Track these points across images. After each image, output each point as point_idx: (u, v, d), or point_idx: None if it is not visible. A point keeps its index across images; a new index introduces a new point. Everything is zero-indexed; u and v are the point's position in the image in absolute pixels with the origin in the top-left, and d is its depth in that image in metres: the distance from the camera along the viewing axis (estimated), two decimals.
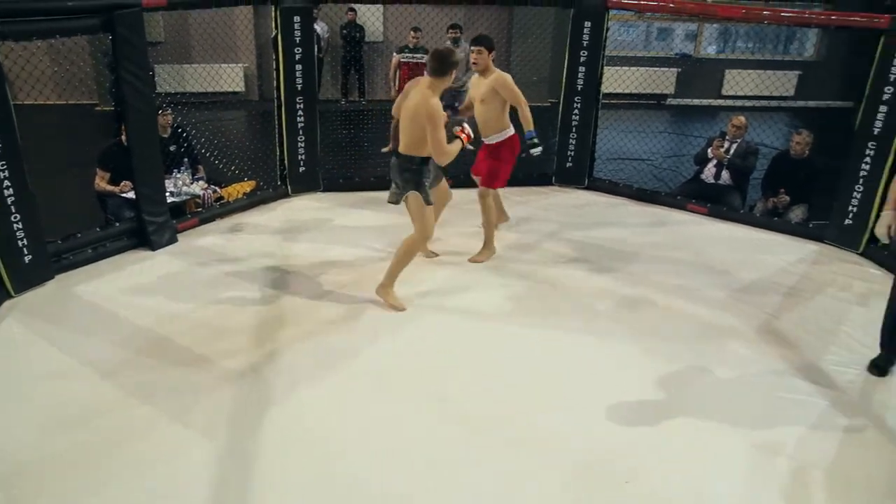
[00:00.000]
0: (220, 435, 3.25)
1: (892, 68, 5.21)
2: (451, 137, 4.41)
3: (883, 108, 5.30)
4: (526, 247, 5.54)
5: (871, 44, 5.42)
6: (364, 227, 5.86)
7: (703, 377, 3.91)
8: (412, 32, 8.34)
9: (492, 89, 5.03)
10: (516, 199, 6.62)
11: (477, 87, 5.18)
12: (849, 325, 4.55)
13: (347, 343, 4.07)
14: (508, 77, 5.05)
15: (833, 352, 4.22)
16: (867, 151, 5.47)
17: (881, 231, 3.56)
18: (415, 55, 8.33)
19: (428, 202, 4.39)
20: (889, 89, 5.25)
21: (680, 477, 3.13)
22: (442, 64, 4.25)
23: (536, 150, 5.00)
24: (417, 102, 4.21)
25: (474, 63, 5.09)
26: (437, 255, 5.29)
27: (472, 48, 5.07)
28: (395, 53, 8.51)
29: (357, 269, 5.04)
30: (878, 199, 5.46)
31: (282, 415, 3.42)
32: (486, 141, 5.26)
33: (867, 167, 5.49)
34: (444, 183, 5.11)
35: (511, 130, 5.19)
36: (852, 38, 11.01)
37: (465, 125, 4.59)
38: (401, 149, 4.39)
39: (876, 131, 5.37)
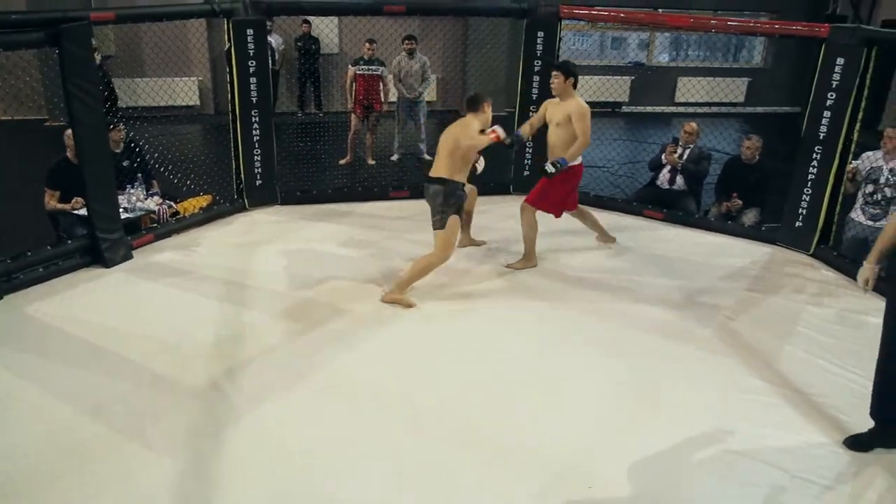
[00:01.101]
0: (180, 454, 3.19)
1: (834, 75, 5.38)
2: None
3: (827, 114, 5.47)
4: (486, 255, 5.57)
5: (815, 52, 5.59)
6: (323, 240, 5.83)
7: (661, 379, 3.96)
8: (367, 44, 8.31)
9: (567, 116, 5.07)
10: (475, 208, 6.63)
11: (554, 109, 5.23)
12: (803, 325, 4.66)
13: (309, 357, 4.03)
14: (587, 110, 5.05)
15: (788, 352, 4.31)
16: (814, 155, 5.62)
17: (860, 283, 3.58)
18: (370, 67, 8.28)
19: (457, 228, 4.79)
20: (832, 95, 5.41)
21: (642, 479, 3.17)
22: (471, 101, 4.76)
23: (549, 171, 5.12)
24: (456, 129, 4.65)
25: (552, 86, 5.18)
26: (485, 242, 5.74)
27: (552, 73, 5.16)
28: (350, 66, 8.46)
29: (317, 281, 5.00)
30: (825, 202, 5.61)
31: (244, 432, 3.37)
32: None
33: (815, 171, 5.64)
34: (470, 185, 5.17)
35: (575, 161, 5.19)
36: (797, 46, 11.37)
37: (497, 127, 4.76)
38: (445, 174, 4.68)
39: (821, 136, 5.53)
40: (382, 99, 8.42)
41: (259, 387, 3.72)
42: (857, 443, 3.39)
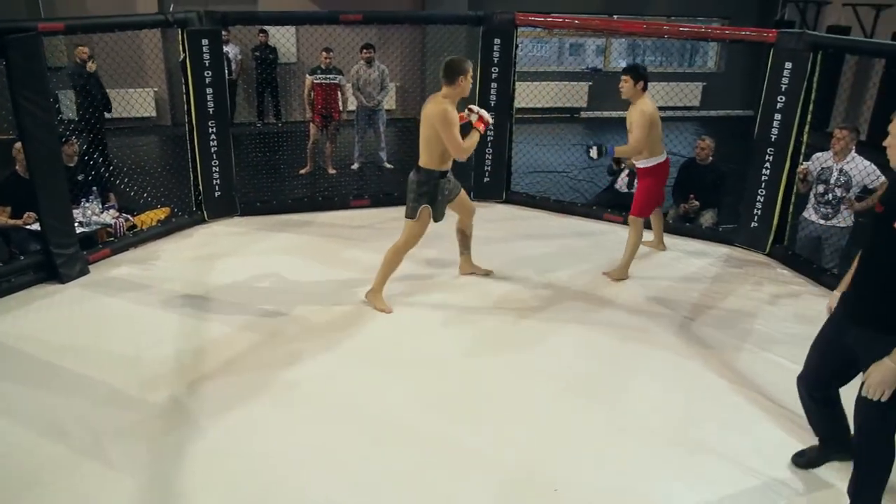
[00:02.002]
0: (141, 473, 3.13)
1: (783, 79, 5.51)
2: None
3: (777, 116, 5.60)
4: (448, 262, 5.57)
5: (765, 56, 5.73)
6: (283, 250, 5.78)
7: (623, 381, 4.01)
8: (324, 53, 8.27)
9: (632, 121, 5.13)
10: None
11: (628, 113, 5.23)
12: (761, 323, 4.75)
13: (272, 369, 3.99)
14: (644, 109, 5.05)
15: (748, 351, 4.39)
16: (766, 157, 5.75)
17: (826, 310, 3.48)
18: (328, 76, 8.24)
19: (436, 219, 4.64)
20: (781, 98, 5.55)
21: (607, 481, 3.20)
22: (448, 70, 4.42)
23: (592, 152, 5.17)
24: (430, 110, 4.40)
25: (621, 89, 5.14)
26: (490, 272, 5.36)
27: (621, 76, 5.13)
28: (307, 75, 8.42)
29: (278, 292, 4.96)
30: (779, 203, 5.74)
31: (207, 447, 3.32)
32: (636, 164, 5.36)
33: (767, 172, 5.77)
34: (463, 194, 4.99)
35: (658, 158, 5.23)
36: (749, 51, 11.63)
37: (474, 107, 4.66)
38: (421, 162, 4.54)
39: (773, 138, 5.66)
40: (341, 108, 8.40)
41: (222, 401, 3.67)
42: (806, 462, 3.29)
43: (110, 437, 3.36)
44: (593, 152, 5.15)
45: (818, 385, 3.04)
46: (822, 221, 5.28)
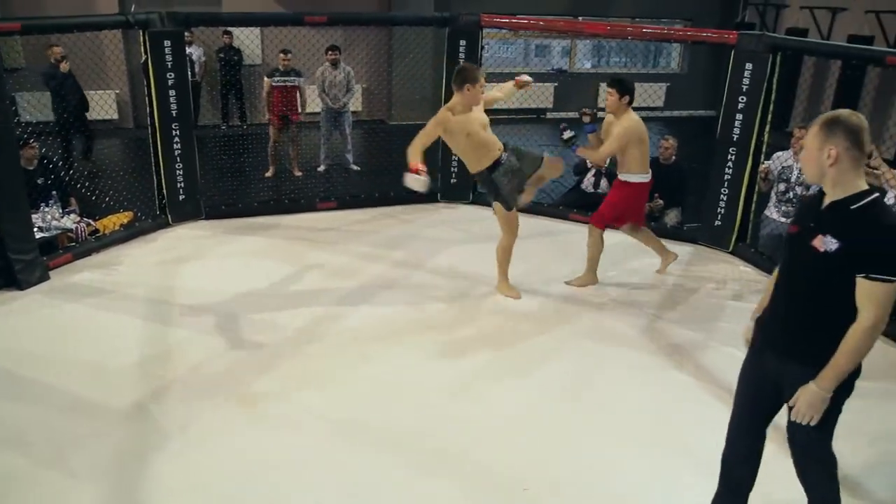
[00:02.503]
0: (104, 481, 3.08)
1: (744, 80, 5.61)
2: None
3: (739, 116, 5.69)
4: (414, 264, 5.57)
5: (727, 58, 5.82)
6: (249, 253, 5.72)
7: (591, 379, 4.04)
8: (281, 55, 8.18)
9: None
10: (403, 218, 6.65)
11: (608, 127, 5.06)
12: (726, 320, 4.83)
13: (238, 374, 3.95)
14: (627, 126, 4.86)
15: (713, 348, 4.46)
16: (729, 157, 5.84)
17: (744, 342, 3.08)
18: (286, 78, 8.16)
19: (509, 208, 4.79)
20: (743, 98, 5.64)
21: (576, 478, 3.22)
22: (454, 78, 4.66)
23: (566, 133, 5.15)
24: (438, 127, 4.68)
25: (606, 103, 5.00)
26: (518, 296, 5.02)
27: (607, 89, 5.01)
28: (265, 78, 8.31)
29: (244, 296, 4.91)
30: (742, 201, 5.83)
31: (173, 454, 3.27)
32: (619, 175, 5.15)
33: (730, 171, 5.86)
34: (545, 158, 5.06)
35: (640, 176, 5.03)
36: (711, 52, 11.81)
37: (413, 175, 4.51)
38: (470, 171, 4.93)
39: (735, 137, 5.76)
40: (300, 110, 8.32)
41: (187, 407, 3.62)
42: None
43: (72, 445, 3.29)
44: (567, 133, 5.09)
45: (755, 441, 2.79)
46: (783, 219, 5.38)
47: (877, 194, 2.34)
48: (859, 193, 2.33)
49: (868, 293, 2.29)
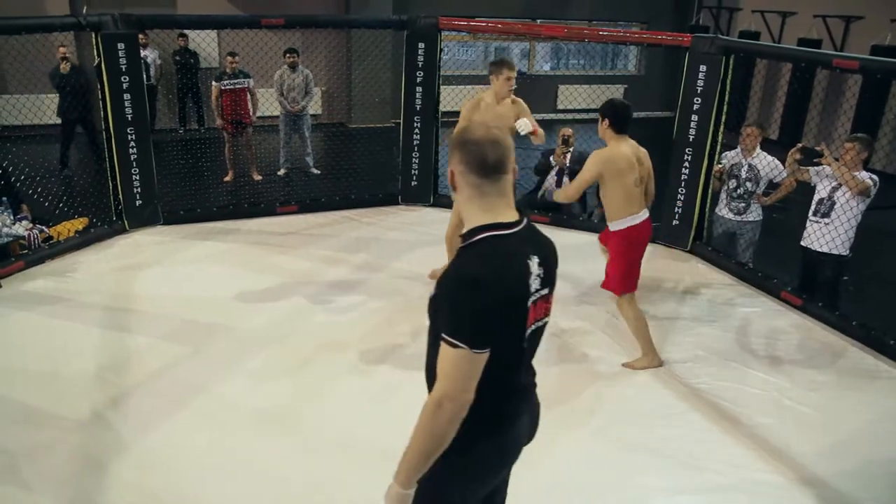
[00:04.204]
0: (61, 492, 3.02)
1: (698, 81, 5.72)
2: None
3: (695, 118, 5.80)
4: (376, 266, 5.56)
5: (682, 60, 5.93)
6: (208, 259, 5.65)
7: (554, 379, 4.07)
8: (229, 58, 8.05)
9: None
10: (365, 221, 6.64)
11: None
12: (684, 317, 4.92)
13: (197, 380, 3.90)
14: (601, 154, 4.08)
15: (674, 342, 4.54)
16: (685, 157, 5.95)
17: None
18: (234, 81, 8.05)
19: None
20: (697, 100, 5.75)
21: (542, 478, 3.24)
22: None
23: (520, 128, 4.84)
24: None
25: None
26: None
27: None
28: (213, 82, 8.18)
29: (203, 302, 4.84)
30: (698, 201, 5.94)
31: (131, 463, 3.22)
32: (609, 226, 4.28)
33: (687, 171, 5.97)
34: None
35: (631, 219, 4.15)
36: (667, 54, 12.00)
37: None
38: None
39: (691, 138, 5.86)
40: (251, 112, 8.22)
41: (146, 415, 3.57)
42: None
43: (26, 457, 3.22)
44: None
45: None
46: (735, 217, 5.50)
47: (486, 234, 1.84)
48: (473, 229, 1.87)
49: (441, 357, 1.82)
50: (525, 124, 4.87)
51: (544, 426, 3.58)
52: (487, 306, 1.76)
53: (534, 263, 1.86)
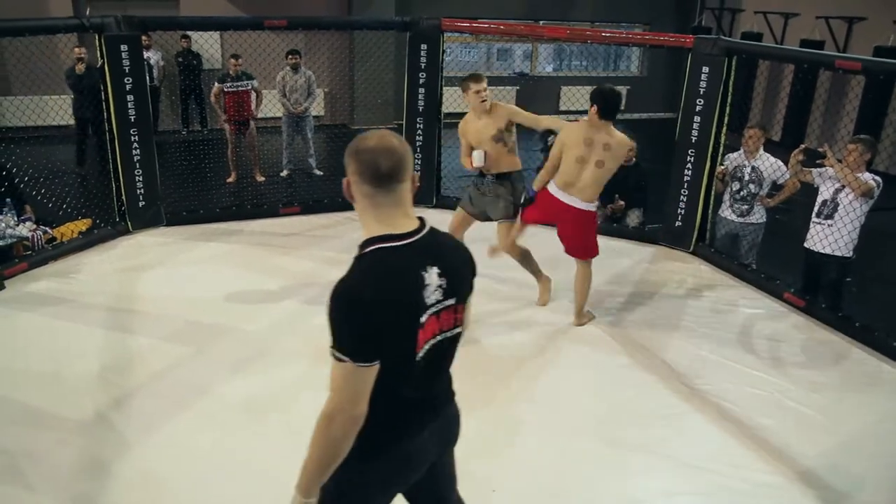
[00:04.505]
0: (64, 493, 3.02)
1: (701, 83, 5.72)
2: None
3: (697, 119, 5.80)
4: None
5: (684, 61, 5.93)
6: (211, 260, 5.66)
7: (555, 380, 4.08)
8: (232, 60, 8.05)
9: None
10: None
11: None
12: (687, 318, 4.92)
13: (202, 381, 3.90)
14: (560, 136, 4.57)
15: (674, 345, 4.53)
16: (688, 158, 5.95)
17: None
18: (237, 84, 8.07)
19: (472, 214, 5.04)
20: (700, 101, 5.75)
21: (541, 479, 3.25)
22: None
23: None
24: None
25: None
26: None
27: None
28: (216, 83, 8.20)
29: (206, 303, 4.85)
30: (701, 202, 5.94)
31: (135, 464, 3.22)
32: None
33: (689, 173, 5.97)
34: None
35: (549, 186, 4.61)
36: (670, 56, 12.00)
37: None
38: None
39: (693, 139, 5.86)
40: (253, 109, 8.22)
41: (148, 415, 3.57)
42: None
43: (28, 457, 3.23)
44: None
45: None
46: (738, 219, 5.49)
47: (375, 246, 1.83)
48: (365, 241, 1.86)
49: (331, 370, 1.83)
50: (478, 157, 4.77)
51: (546, 427, 3.60)
52: (367, 323, 1.74)
53: (431, 275, 1.82)
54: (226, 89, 7.97)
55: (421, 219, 1.89)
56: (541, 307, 4.99)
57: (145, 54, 6.60)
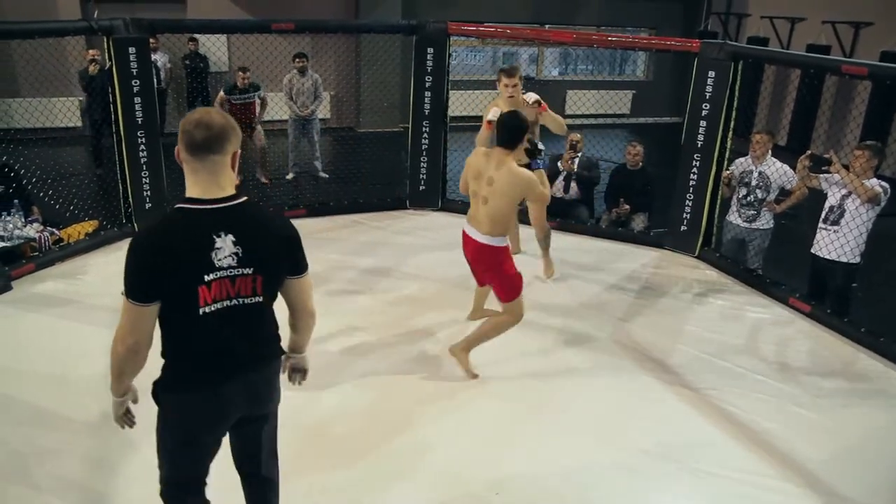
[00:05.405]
0: (71, 494, 3.04)
1: (707, 87, 5.71)
2: None
3: (703, 123, 5.80)
4: (384, 271, 5.57)
5: (691, 65, 5.93)
6: None
7: (561, 385, 4.08)
8: (240, 73, 8.05)
9: None
10: (373, 225, 6.65)
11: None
12: (692, 323, 4.91)
13: None
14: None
15: (679, 350, 4.53)
16: (694, 163, 5.94)
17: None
18: (244, 96, 8.10)
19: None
20: (706, 106, 5.74)
21: (547, 483, 3.24)
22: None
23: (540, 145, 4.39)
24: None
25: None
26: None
27: None
28: (221, 92, 8.21)
29: None
30: (706, 207, 5.94)
31: (142, 464, 3.22)
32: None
33: (695, 177, 5.96)
34: None
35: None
36: (676, 60, 11.99)
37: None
38: None
39: (699, 144, 5.86)
40: (257, 116, 8.25)
41: (154, 416, 3.56)
42: None
43: (35, 458, 3.24)
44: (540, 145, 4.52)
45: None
46: (745, 224, 5.49)
47: (177, 205, 2.09)
48: (177, 200, 2.14)
49: None
50: (493, 113, 4.73)
51: (549, 432, 3.60)
52: (142, 267, 2.03)
53: (225, 241, 2.05)
54: (232, 101, 8.01)
55: (238, 192, 2.13)
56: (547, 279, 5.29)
57: (152, 56, 6.62)
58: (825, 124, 10.39)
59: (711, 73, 5.68)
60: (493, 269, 3.98)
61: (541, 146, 4.23)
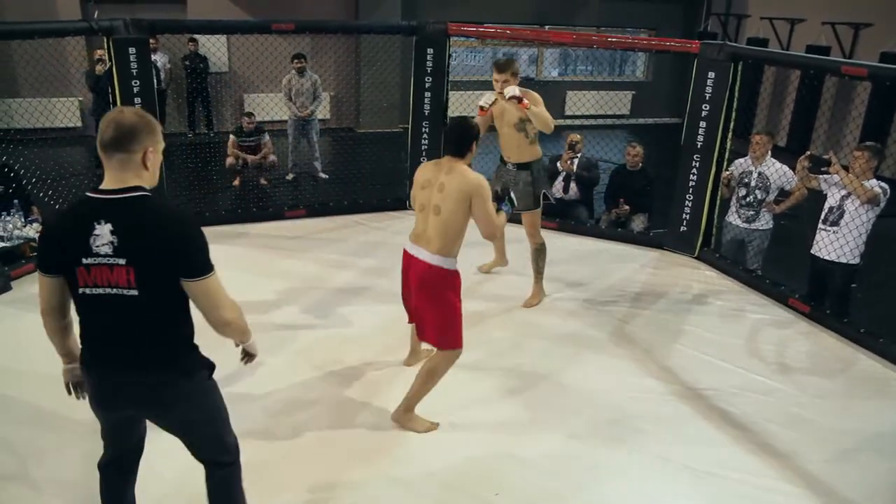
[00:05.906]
0: (71, 494, 3.04)
1: (707, 88, 5.72)
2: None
3: (702, 124, 5.80)
4: (383, 271, 5.56)
5: (690, 66, 5.93)
6: (215, 262, 5.57)
7: (560, 385, 4.08)
8: (245, 118, 8.12)
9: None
10: (373, 225, 6.65)
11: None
12: (691, 323, 4.91)
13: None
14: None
15: (678, 350, 4.53)
16: (693, 163, 5.95)
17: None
18: (252, 139, 8.20)
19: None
20: (706, 106, 5.75)
21: (546, 482, 3.25)
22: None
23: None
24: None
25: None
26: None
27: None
28: (231, 136, 8.28)
29: None
30: (706, 207, 5.94)
31: (140, 464, 3.22)
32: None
33: (694, 178, 5.97)
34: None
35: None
36: (675, 60, 12.01)
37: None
38: None
39: (699, 144, 5.86)
40: (267, 149, 8.35)
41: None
42: None
43: (35, 458, 3.25)
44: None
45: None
46: (744, 224, 5.49)
47: (82, 195, 2.24)
48: None
49: None
50: (486, 98, 4.81)
51: (549, 432, 3.60)
52: (42, 241, 2.27)
53: (103, 229, 2.14)
54: (239, 143, 8.12)
55: (134, 188, 2.21)
56: (525, 308, 5.03)
57: (152, 57, 6.62)
58: (825, 125, 10.40)
59: (711, 74, 5.68)
60: (435, 298, 3.46)
61: (513, 197, 3.83)
